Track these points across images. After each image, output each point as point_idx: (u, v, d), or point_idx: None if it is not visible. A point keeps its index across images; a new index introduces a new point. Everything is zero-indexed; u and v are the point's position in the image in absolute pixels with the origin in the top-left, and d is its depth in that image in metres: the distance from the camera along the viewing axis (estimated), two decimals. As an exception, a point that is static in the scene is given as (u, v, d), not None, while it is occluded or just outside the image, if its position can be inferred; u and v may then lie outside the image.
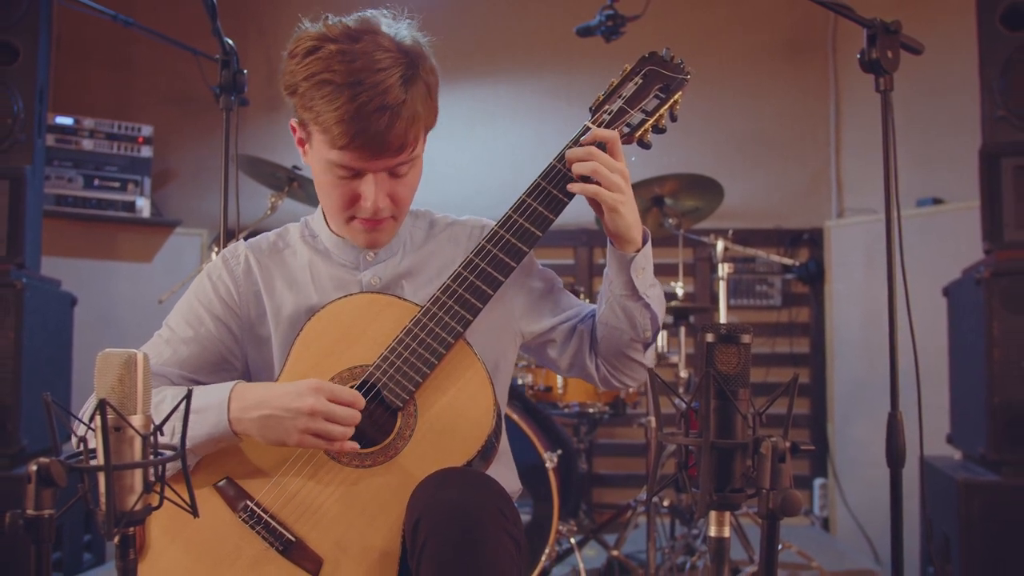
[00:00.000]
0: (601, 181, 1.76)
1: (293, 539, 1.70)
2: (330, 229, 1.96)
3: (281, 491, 1.73)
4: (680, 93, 1.87)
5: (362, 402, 1.69)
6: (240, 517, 1.72)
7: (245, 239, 2.02)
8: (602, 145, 1.79)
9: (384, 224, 1.87)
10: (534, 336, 2.02)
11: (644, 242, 1.88)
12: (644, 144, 1.87)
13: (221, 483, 1.75)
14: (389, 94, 1.70)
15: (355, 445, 1.69)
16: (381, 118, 1.69)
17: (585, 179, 1.79)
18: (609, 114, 1.85)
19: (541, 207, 1.80)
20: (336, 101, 1.69)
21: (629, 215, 1.81)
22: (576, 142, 1.82)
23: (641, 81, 1.87)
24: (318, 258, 1.96)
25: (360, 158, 1.75)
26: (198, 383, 1.90)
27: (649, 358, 1.99)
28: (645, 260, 1.89)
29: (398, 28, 1.80)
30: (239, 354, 1.94)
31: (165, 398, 1.75)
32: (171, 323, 1.93)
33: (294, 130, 1.86)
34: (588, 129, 1.83)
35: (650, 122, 1.85)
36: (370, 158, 1.75)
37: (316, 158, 1.81)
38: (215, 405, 1.70)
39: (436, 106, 1.83)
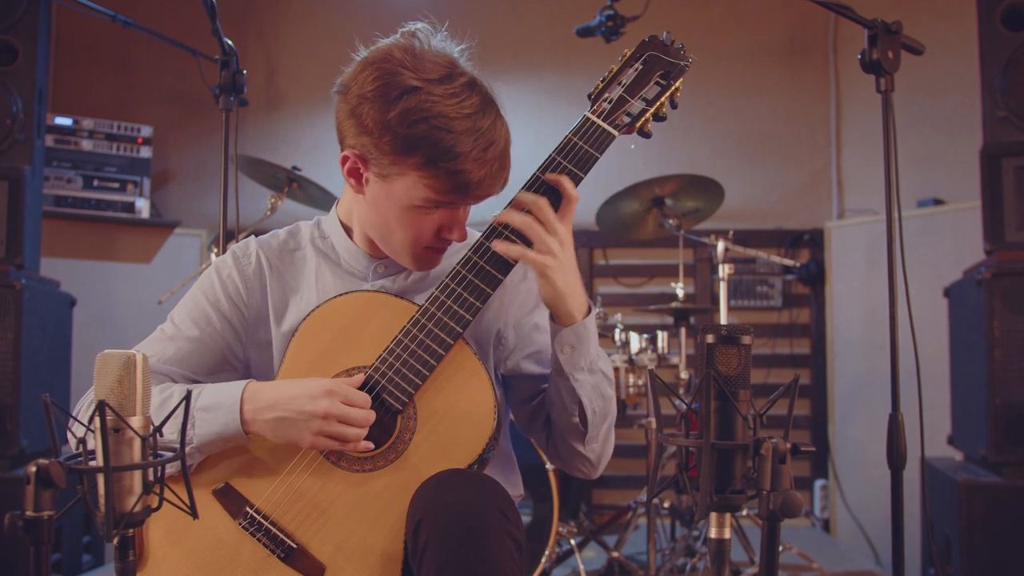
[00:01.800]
0: (532, 240, 1.72)
1: (294, 545, 1.69)
2: (347, 236, 1.93)
3: (281, 497, 1.72)
4: (681, 80, 1.83)
5: (368, 402, 1.68)
6: (240, 524, 1.71)
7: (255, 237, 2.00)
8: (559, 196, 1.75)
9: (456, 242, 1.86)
10: (505, 371, 1.96)
11: (585, 316, 1.78)
12: (644, 133, 1.84)
13: (220, 489, 1.74)
14: (500, 138, 1.73)
15: (370, 444, 1.68)
16: (495, 164, 1.71)
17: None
18: (609, 103, 1.81)
19: None
20: (451, 152, 1.66)
21: (560, 283, 1.72)
22: (576, 133, 1.78)
23: (641, 67, 1.82)
24: (326, 265, 1.93)
25: (469, 200, 1.75)
26: (199, 383, 1.88)
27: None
28: (575, 337, 1.77)
29: (445, 47, 1.77)
30: (241, 355, 1.92)
31: (172, 394, 1.74)
32: (176, 319, 1.91)
33: (345, 161, 1.79)
34: (588, 120, 1.79)
35: (651, 111, 1.81)
36: (477, 200, 1.76)
37: (397, 198, 1.74)
38: (227, 404, 1.69)
39: None
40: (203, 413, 1.69)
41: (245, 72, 2.83)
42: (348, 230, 1.94)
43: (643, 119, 1.82)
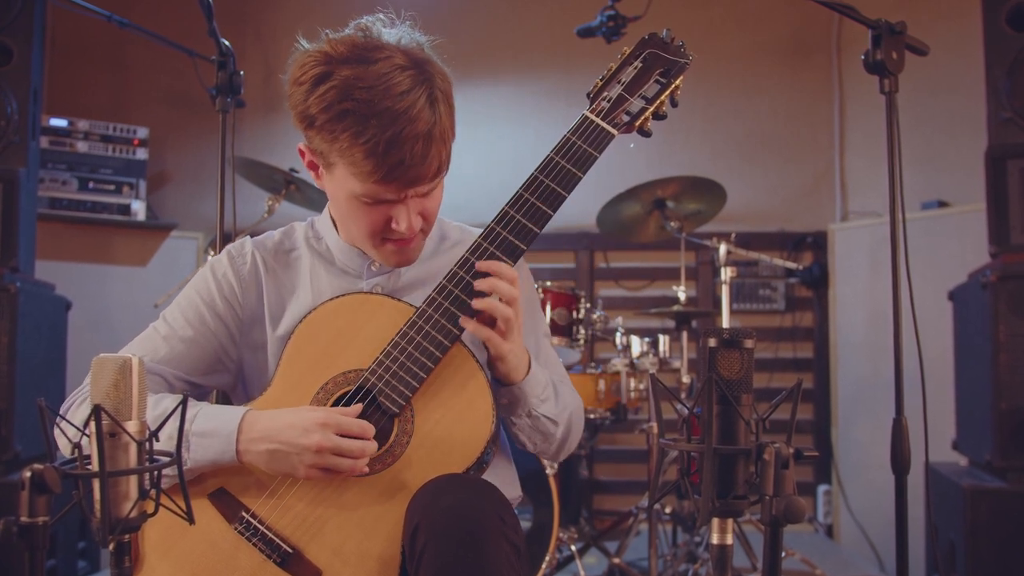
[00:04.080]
0: (504, 326, 1.71)
1: (291, 550, 1.67)
2: (339, 234, 1.92)
3: (278, 501, 1.70)
4: (681, 78, 1.82)
5: (372, 431, 1.66)
6: (236, 529, 1.69)
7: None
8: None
9: (416, 241, 1.83)
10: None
11: (524, 376, 1.79)
12: (644, 132, 1.83)
13: (216, 494, 1.72)
14: (420, 120, 1.65)
15: (366, 469, 1.66)
16: (415, 146, 1.65)
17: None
18: (608, 101, 1.80)
19: (538, 202, 1.76)
20: (364, 134, 1.63)
21: (513, 361, 1.75)
22: (575, 132, 1.78)
23: (641, 65, 1.81)
24: (320, 264, 1.92)
25: (395, 189, 1.70)
26: (192, 384, 1.88)
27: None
28: (511, 396, 1.79)
29: (400, 35, 1.74)
30: (234, 356, 1.91)
31: (166, 409, 1.71)
32: (169, 318, 1.89)
33: (303, 154, 1.80)
34: (587, 119, 1.78)
35: (651, 109, 1.80)
36: (405, 187, 1.71)
37: (339, 187, 1.75)
38: (223, 434, 1.67)
39: (454, 111, 1.77)
40: (198, 439, 1.68)
41: (242, 73, 2.83)
42: (338, 227, 1.94)
43: (643, 118, 1.81)
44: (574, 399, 1.94)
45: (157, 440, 1.29)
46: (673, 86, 1.81)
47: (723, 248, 3.89)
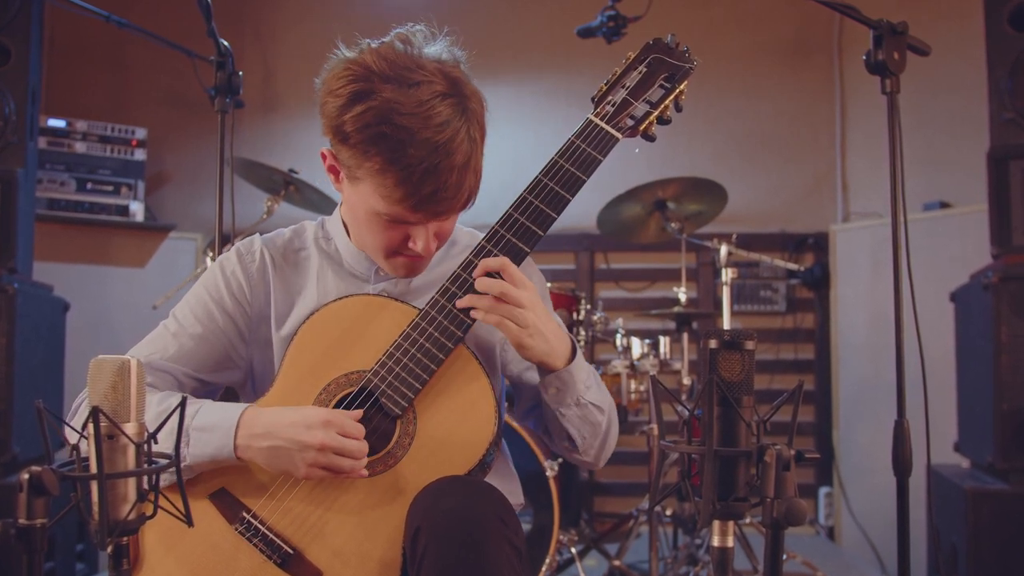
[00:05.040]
0: (505, 319, 1.70)
1: (291, 551, 1.67)
2: (349, 238, 1.92)
3: (279, 502, 1.70)
4: (686, 83, 1.82)
5: (363, 433, 1.65)
6: (237, 529, 1.69)
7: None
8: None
9: (428, 257, 1.83)
10: (509, 379, 1.97)
11: (569, 361, 1.78)
12: (648, 137, 1.83)
13: (217, 494, 1.72)
14: (458, 153, 1.66)
15: (365, 473, 1.65)
16: (450, 178, 1.65)
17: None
18: (612, 106, 1.80)
19: (542, 204, 1.76)
20: (400, 161, 1.63)
21: (541, 346, 1.72)
22: (579, 135, 1.78)
23: (645, 70, 1.82)
24: (328, 266, 1.92)
25: (422, 216, 1.71)
26: (201, 381, 1.88)
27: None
28: (559, 382, 1.78)
29: (439, 51, 1.73)
30: (244, 354, 1.91)
31: (172, 405, 1.71)
32: (179, 316, 1.89)
33: (325, 158, 1.80)
34: (591, 123, 1.79)
35: (655, 114, 1.81)
36: (433, 217, 1.72)
37: (361, 200, 1.74)
38: (223, 428, 1.67)
39: (485, 135, 1.78)
40: (198, 433, 1.68)
41: (241, 73, 2.83)
42: (349, 231, 1.93)
43: (647, 122, 1.82)
44: (608, 393, 1.93)
45: (155, 442, 1.29)
46: (677, 91, 1.82)
47: (724, 249, 3.89)
